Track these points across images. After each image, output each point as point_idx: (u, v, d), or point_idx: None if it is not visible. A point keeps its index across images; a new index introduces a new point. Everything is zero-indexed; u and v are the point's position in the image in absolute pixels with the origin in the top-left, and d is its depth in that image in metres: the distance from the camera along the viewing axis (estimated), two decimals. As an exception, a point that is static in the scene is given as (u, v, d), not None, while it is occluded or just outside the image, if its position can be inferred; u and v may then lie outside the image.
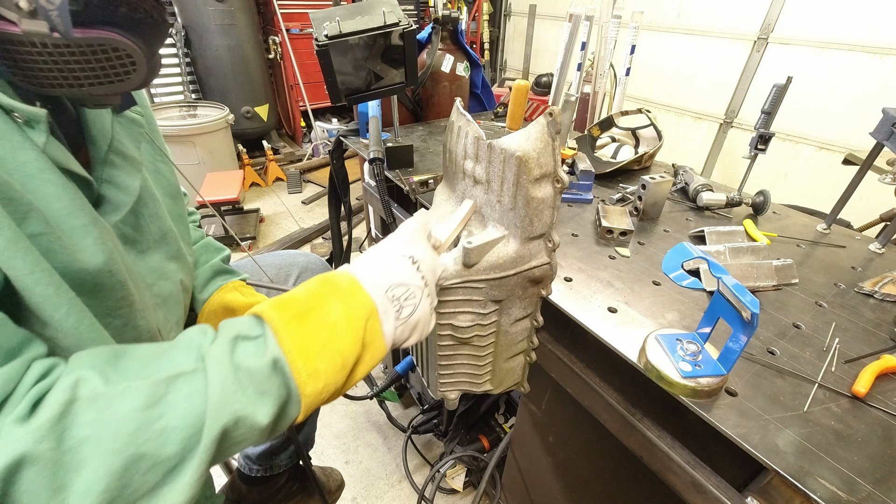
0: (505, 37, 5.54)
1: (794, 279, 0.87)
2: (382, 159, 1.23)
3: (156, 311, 0.61)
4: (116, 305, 0.52)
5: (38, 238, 0.42)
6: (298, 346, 0.44)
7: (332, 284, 0.50)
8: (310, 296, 0.48)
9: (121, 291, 0.52)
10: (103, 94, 0.47)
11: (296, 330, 0.45)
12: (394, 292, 0.51)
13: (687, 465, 0.65)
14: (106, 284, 0.50)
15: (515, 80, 1.82)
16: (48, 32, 0.39)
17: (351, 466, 1.82)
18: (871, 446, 0.56)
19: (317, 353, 0.45)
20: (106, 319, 0.51)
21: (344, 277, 0.50)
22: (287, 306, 0.46)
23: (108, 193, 0.54)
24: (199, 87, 4.16)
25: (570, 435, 1.01)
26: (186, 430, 0.37)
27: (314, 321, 0.46)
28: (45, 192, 0.43)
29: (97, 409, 0.35)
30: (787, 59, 2.93)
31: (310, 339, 0.45)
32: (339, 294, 0.48)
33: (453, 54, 1.60)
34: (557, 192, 0.58)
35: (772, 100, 1.09)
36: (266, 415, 0.42)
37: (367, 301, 0.49)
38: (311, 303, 0.47)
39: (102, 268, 0.48)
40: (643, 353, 0.66)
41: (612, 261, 0.93)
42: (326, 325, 0.46)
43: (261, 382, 0.42)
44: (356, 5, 1.12)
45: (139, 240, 0.59)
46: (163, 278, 0.63)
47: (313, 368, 0.44)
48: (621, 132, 1.55)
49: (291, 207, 3.82)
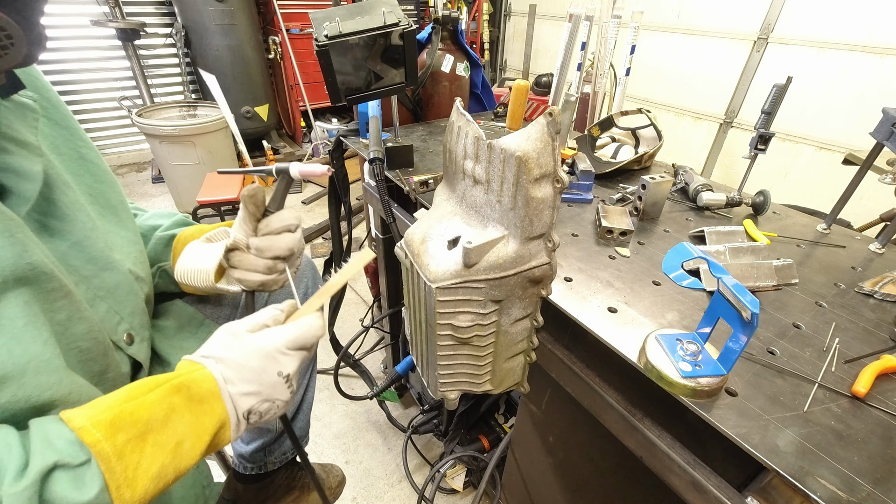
0: (505, 37, 5.54)
1: (794, 279, 0.87)
2: (382, 159, 1.23)
3: (95, 304, 0.58)
4: (52, 297, 0.49)
5: None
6: (129, 476, 0.41)
7: (187, 394, 0.47)
8: (155, 408, 0.45)
9: (49, 283, 0.49)
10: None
11: (130, 459, 0.42)
12: (259, 409, 0.50)
13: (687, 465, 0.65)
14: (30, 277, 0.46)
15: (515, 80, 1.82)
16: None
17: (351, 466, 1.82)
18: (871, 446, 0.56)
19: (149, 479, 0.42)
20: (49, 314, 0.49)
21: (204, 383, 0.48)
22: (122, 426, 0.43)
23: (9, 183, 0.50)
24: (199, 87, 4.17)
25: (570, 435, 1.01)
26: None
27: (153, 442, 0.44)
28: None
29: None
30: (787, 59, 2.93)
31: (143, 466, 0.42)
32: (191, 406, 0.47)
33: (453, 54, 1.60)
34: (557, 192, 0.58)
35: (772, 100, 1.09)
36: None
37: (222, 415, 0.48)
38: (156, 416, 0.45)
39: (17, 261, 0.45)
40: (643, 353, 0.66)
41: (612, 261, 0.93)
42: (168, 448, 0.44)
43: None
44: (356, 5, 1.12)
45: (65, 230, 0.56)
46: (106, 269, 0.60)
47: (142, 492, 0.42)
48: (621, 132, 1.55)
49: (291, 207, 3.82)
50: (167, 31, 3.95)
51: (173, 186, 3.55)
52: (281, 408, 0.53)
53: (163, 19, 4.01)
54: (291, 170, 0.71)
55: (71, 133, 0.63)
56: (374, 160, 1.21)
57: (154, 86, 4.06)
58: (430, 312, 0.65)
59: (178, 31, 3.82)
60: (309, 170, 0.71)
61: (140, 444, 0.43)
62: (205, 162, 3.42)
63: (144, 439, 0.43)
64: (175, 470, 0.45)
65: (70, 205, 0.57)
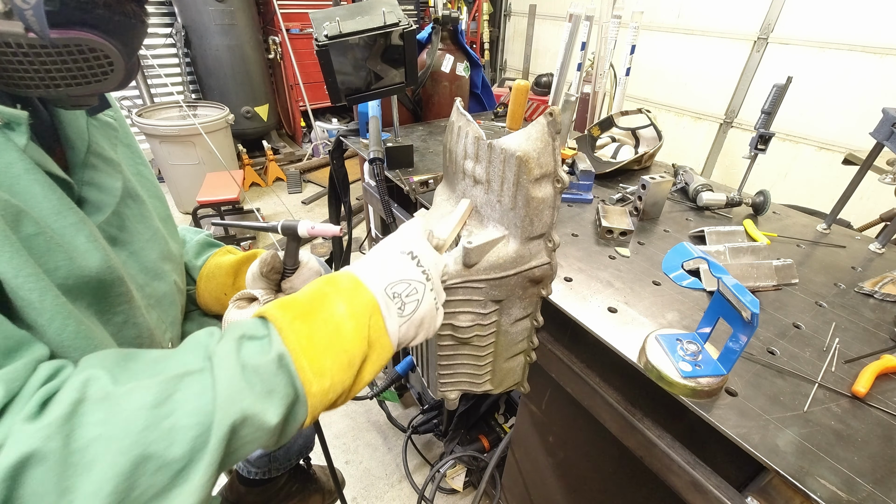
0: (505, 37, 5.54)
1: (794, 279, 0.87)
2: (382, 159, 1.23)
3: (149, 312, 0.61)
4: (117, 301, 0.52)
5: (35, 238, 0.42)
6: (303, 344, 0.43)
7: (334, 284, 0.49)
8: (313, 296, 0.48)
9: (120, 287, 0.52)
10: (80, 94, 0.47)
11: (300, 329, 0.44)
12: (395, 289, 0.50)
13: (687, 465, 0.65)
14: (107, 280, 0.50)
15: (515, 80, 1.82)
16: (23, 33, 0.39)
17: (351, 466, 1.82)
18: (871, 446, 0.56)
19: (321, 350, 0.44)
20: (107, 316, 0.51)
21: (345, 277, 0.50)
22: (291, 306, 0.46)
23: (90, 195, 0.54)
24: (199, 87, 4.17)
25: (570, 435, 1.01)
26: (195, 429, 0.37)
27: (318, 320, 0.46)
28: (34, 192, 0.43)
29: (106, 408, 0.35)
30: (787, 59, 2.93)
31: (314, 337, 0.44)
32: (341, 293, 0.48)
33: (453, 54, 1.60)
34: (557, 192, 0.58)
35: (772, 100, 1.09)
36: (274, 414, 0.41)
37: (369, 298, 0.49)
38: (315, 302, 0.47)
39: (101, 264, 0.48)
40: (643, 353, 0.66)
41: (612, 261, 0.93)
42: (331, 324, 0.46)
43: (268, 380, 0.41)
44: (356, 5, 1.12)
45: (128, 241, 0.59)
46: (156, 279, 0.64)
47: (318, 367, 0.44)
48: (621, 132, 1.55)
49: (291, 207, 3.82)
50: (167, 31, 3.95)
51: (173, 186, 3.55)
52: (419, 289, 0.52)
53: (163, 19, 4.01)
54: (300, 230, 0.68)
55: (132, 151, 0.67)
56: (374, 160, 1.21)
57: (154, 86, 4.06)
58: (430, 312, 0.65)
59: (178, 31, 3.82)
60: (320, 230, 0.68)
61: (307, 320, 0.45)
62: (205, 162, 3.42)
63: (310, 315, 0.46)
64: (345, 351, 0.46)
65: (132, 217, 0.61)
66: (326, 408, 0.46)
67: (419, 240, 0.56)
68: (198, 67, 4.03)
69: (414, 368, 1.62)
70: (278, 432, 0.43)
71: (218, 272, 0.79)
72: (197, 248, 0.84)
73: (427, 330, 0.54)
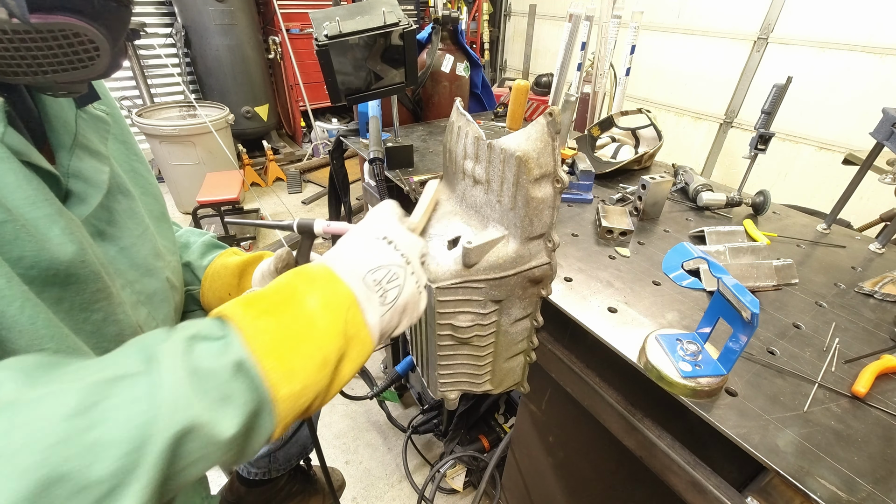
0: (505, 37, 5.54)
1: (794, 279, 0.87)
2: (382, 159, 1.23)
3: (137, 308, 0.60)
4: (93, 298, 0.50)
5: (4, 225, 0.41)
6: (268, 344, 0.40)
7: (305, 276, 0.46)
8: (281, 289, 0.45)
9: (95, 283, 0.50)
10: (68, 81, 0.46)
11: (265, 326, 0.40)
12: (374, 276, 0.48)
13: (687, 465, 0.65)
14: (80, 275, 0.48)
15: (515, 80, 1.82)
16: (7, 18, 0.39)
17: (351, 466, 1.82)
18: (871, 446, 0.56)
19: (291, 350, 0.40)
20: (84, 314, 0.49)
21: (317, 268, 0.48)
22: (255, 302, 0.42)
23: (76, 188, 0.53)
24: (199, 87, 4.17)
25: (570, 435, 1.01)
26: (125, 444, 0.30)
27: (287, 315, 0.42)
28: (5, 181, 0.42)
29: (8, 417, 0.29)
30: (787, 59, 2.93)
31: (282, 335, 0.41)
32: (313, 285, 0.45)
33: (453, 54, 1.60)
34: (557, 192, 0.58)
35: (772, 100, 1.09)
36: (231, 425, 0.35)
37: (344, 290, 0.46)
38: (284, 296, 0.44)
39: (74, 258, 0.47)
40: (643, 353, 0.66)
41: (612, 261, 0.93)
42: (301, 319, 0.42)
43: (221, 386, 0.36)
44: (356, 5, 1.12)
45: (118, 236, 0.58)
46: (147, 275, 0.62)
47: (287, 368, 0.40)
48: (621, 132, 1.55)
49: (291, 207, 3.82)
50: (167, 31, 3.95)
51: (173, 186, 3.55)
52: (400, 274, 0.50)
53: (163, 19, 4.01)
54: (316, 228, 0.69)
55: (127, 147, 0.67)
56: (374, 160, 1.21)
57: (154, 86, 4.06)
58: (429, 312, 0.65)
59: (178, 31, 3.82)
60: (335, 228, 0.69)
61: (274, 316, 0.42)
62: (205, 162, 3.42)
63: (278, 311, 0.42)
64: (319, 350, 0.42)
65: (122, 212, 0.60)
66: (299, 415, 0.41)
67: (393, 224, 0.55)
68: (198, 67, 4.03)
69: (414, 368, 1.62)
70: (237, 446, 0.37)
71: (224, 272, 0.79)
72: (202, 248, 0.84)
73: (411, 316, 0.52)
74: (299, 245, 0.72)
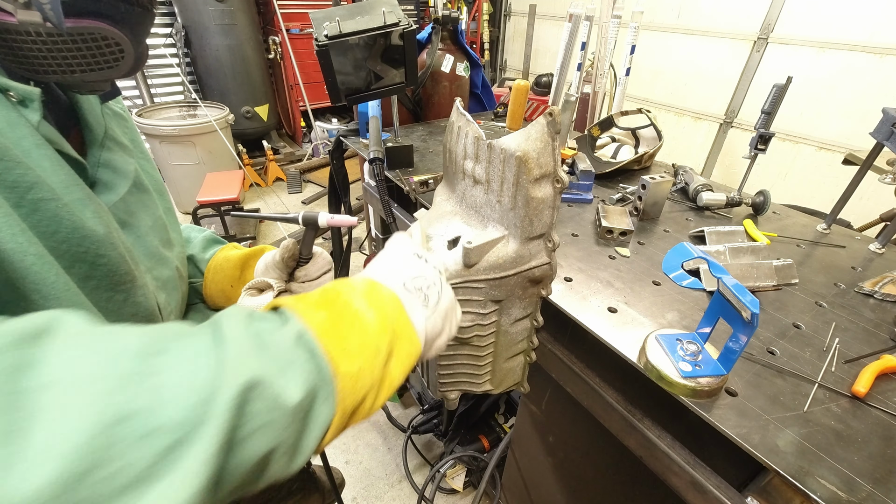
0: (505, 37, 5.54)
1: (794, 279, 0.87)
2: (382, 159, 1.23)
3: (158, 292, 0.62)
4: (120, 280, 0.53)
5: (47, 203, 0.43)
6: (324, 324, 0.40)
7: (347, 283, 0.47)
8: (325, 292, 0.45)
9: (123, 265, 0.53)
10: (95, 80, 0.50)
11: (318, 315, 0.40)
12: (414, 283, 0.49)
13: (687, 465, 0.65)
14: (110, 256, 0.50)
15: (515, 80, 1.82)
16: (41, 22, 0.42)
17: (351, 466, 1.82)
18: (871, 446, 0.56)
19: (345, 334, 0.40)
20: (108, 293, 0.51)
21: (357, 279, 0.49)
22: (305, 298, 0.43)
23: (104, 177, 0.56)
24: (199, 87, 4.17)
25: (570, 435, 1.01)
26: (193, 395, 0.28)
27: (336, 309, 0.42)
28: (43, 166, 0.44)
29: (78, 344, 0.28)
30: (787, 59, 2.93)
31: (335, 322, 0.41)
32: (356, 290, 0.46)
33: (453, 54, 1.60)
34: (557, 192, 0.58)
35: (772, 100, 1.09)
36: (294, 392, 0.33)
37: (388, 292, 0.47)
38: (329, 297, 0.44)
39: (105, 238, 0.49)
40: (643, 353, 0.66)
41: (612, 261, 0.93)
42: (350, 313, 0.42)
43: (284, 352, 0.35)
44: (356, 5, 1.12)
45: (135, 224, 0.61)
46: (160, 264, 0.65)
47: (344, 347, 0.39)
48: (621, 132, 1.55)
49: (291, 207, 3.82)
50: (167, 31, 3.95)
51: (173, 186, 3.55)
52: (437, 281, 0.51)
53: (163, 19, 4.01)
54: (320, 220, 0.72)
55: (135, 145, 0.69)
56: (374, 160, 1.21)
57: (154, 86, 4.07)
58: (430, 312, 0.65)
59: (178, 31, 3.82)
60: (338, 221, 0.72)
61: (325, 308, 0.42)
62: (205, 162, 3.42)
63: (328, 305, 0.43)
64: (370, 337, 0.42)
65: (136, 203, 0.62)
66: (354, 406, 0.40)
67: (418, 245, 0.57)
68: (198, 67, 4.03)
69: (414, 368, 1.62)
70: (299, 422, 0.34)
71: (226, 264, 0.81)
72: (204, 243, 0.86)
73: (451, 323, 0.53)
74: (303, 237, 0.74)
